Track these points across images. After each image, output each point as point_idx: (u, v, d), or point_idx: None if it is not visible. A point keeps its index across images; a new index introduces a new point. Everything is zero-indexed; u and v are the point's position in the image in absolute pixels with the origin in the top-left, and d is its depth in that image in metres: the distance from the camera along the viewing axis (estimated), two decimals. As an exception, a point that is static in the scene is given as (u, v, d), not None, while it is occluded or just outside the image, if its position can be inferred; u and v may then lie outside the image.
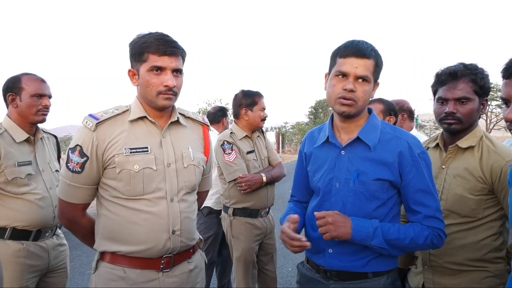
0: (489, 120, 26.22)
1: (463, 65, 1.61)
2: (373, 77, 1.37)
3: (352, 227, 1.34)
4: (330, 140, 1.47)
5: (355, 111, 1.38)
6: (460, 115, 1.59)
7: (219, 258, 3.47)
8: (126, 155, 1.43)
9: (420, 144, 1.42)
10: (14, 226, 1.99)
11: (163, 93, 1.44)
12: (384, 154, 1.39)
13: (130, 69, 1.50)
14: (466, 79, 1.58)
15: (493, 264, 1.56)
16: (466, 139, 1.62)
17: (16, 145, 2.05)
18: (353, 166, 1.41)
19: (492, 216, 1.56)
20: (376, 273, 1.40)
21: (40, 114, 2.10)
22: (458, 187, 1.58)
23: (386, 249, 1.36)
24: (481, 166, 1.55)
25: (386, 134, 1.42)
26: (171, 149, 1.52)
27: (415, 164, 1.37)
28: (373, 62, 1.35)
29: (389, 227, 1.38)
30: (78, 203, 1.50)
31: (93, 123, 1.43)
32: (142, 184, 1.44)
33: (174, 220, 1.49)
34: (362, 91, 1.34)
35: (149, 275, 1.46)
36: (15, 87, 2.07)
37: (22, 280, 2.00)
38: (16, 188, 1.99)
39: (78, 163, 1.43)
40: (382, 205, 1.40)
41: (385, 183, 1.38)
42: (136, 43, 1.45)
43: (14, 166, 1.99)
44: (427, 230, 1.38)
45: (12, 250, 1.95)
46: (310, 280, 1.51)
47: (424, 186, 1.38)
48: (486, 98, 1.63)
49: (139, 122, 1.50)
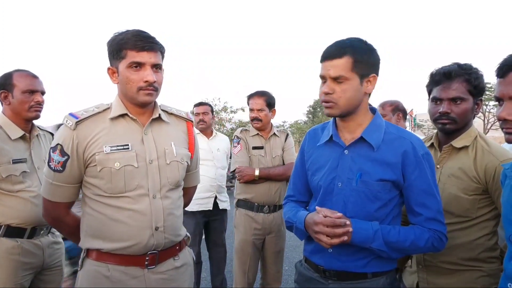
0: (487, 120, 26.27)
1: (458, 65, 1.61)
2: (354, 73, 1.34)
3: None
4: (334, 139, 1.46)
5: (338, 112, 1.38)
6: (455, 115, 1.59)
7: (212, 259, 3.51)
8: (106, 153, 1.43)
9: (424, 145, 1.42)
10: (9, 224, 1.98)
11: (144, 88, 1.44)
12: (388, 154, 1.38)
13: (109, 67, 1.49)
14: (460, 79, 1.58)
15: (487, 264, 1.56)
16: (460, 138, 1.62)
17: (11, 142, 2.04)
18: (356, 165, 1.40)
19: (486, 216, 1.56)
20: (376, 273, 1.39)
21: (33, 110, 2.08)
22: (453, 187, 1.58)
23: (386, 251, 1.35)
24: (475, 166, 1.56)
25: (390, 134, 1.41)
26: (153, 146, 1.52)
27: (418, 165, 1.37)
28: (349, 59, 1.33)
29: (390, 229, 1.36)
30: (61, 201, 1.51)
31: (73, 122, 1.43)
32: (124, 182, 1.44)
33: (157, 216, 1.48)
34: (340, 91, 1.35)
35: (133, 272, 1.46)
36: (7, 84, 2.06)
37: (16, 277, 1.99)
38: (11, 186, 1.99)
39: (59, 162, 1.44)
40: (384, 205, 1.39)
41: (387, 184, 1.37)
42: (113, 40, 1.44)
43: (8, 164, 1.98)
44: (427, 233, 1.37)
45: (6, 247, 1.95)
46: (309, 279, 1.50)
47: (426, 187, 1.37)
48: (480, 98, 1.63)
49: (119, 119, 1.50)
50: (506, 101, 1.12)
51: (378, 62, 1.41)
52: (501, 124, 1.16)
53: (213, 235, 3.48)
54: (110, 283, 1.43)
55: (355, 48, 1.34)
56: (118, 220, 1.44)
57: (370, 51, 1.38)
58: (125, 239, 1.44)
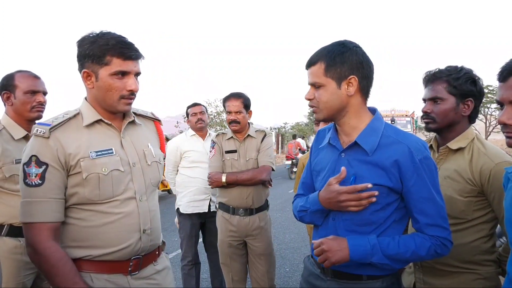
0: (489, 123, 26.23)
1: (444, 68, 1.69)
2: (328, 78, 1.35)
3: (348, 248, 1.33)
4: (331, 142, 1.47)
5: (322, 116, 1.41)
6: (434, 115, 1.66)
7: (210, 260, 3.53)
8: (92, 159, 1.38)
9: (424, 149, 1.36)
10: (11, 223, 2.00)
11: (126, 97, 1.42)
12: (383, 159, 1.35)
13: (85, 70, 1.41)
14: (440, 81, 1.65)
15: (483, 267, 1.57)
16: (456, 140, 1.64)
17: (14, 142, 2.06)
18: (351, 169, 1.39)
19: (482, 219, 1.57)
20: (371, 276, 1.39)
21: (35, 110, 2.10)
22: (448, 189, 1.59)
23: (388, 264, 1.34)
24: (470, 168, 1.57)
25: (388, 138, 1.38)
26: (132, 149, 1.51)
27: (416, 170, 1.32)
28: (321, 65, 1.36)
29: (389, 242, 1.34)
30: (43, 221, 1.33)
31: (46, 129, 1.35)
32: (112, 187, 1.41)
33: (144, 219, 1.47)
34: (317, 96, 1.39)
35: (117, 280, 1.43)
36: (9, 85, 2.08)
37: (18, 276, 2.01)
38: (14, 185, 2.01)
39: (37, 174, 1.33)
40: (381, 209, 1.37)
41: (382, 188, 1.34)
42: (93, 43, 1.38)
43: (11, 164, 2.00)
44: (429, 241, 1.34)
45: (9, 247, 1.97)
46: (312, 274, 1.53)
47: (426, 193, 1.34)
48: (469, 98, 1.64)
49: (94, 125, 1.45)
50: (507, 106, 1.12)
51: (358, 63, 1.36)
52: (502, 128, 1.17)
53: (209, 236, 3.49)
54: None
55: (328, 52, 1.36)
56: (105, 224, 1.40)
57: (346, 53, 1.35)
58: (114, 243, 1.41)
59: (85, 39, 1.40)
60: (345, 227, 1.41)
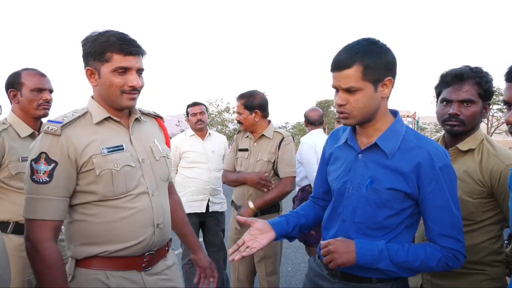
0: (490, 124, 26.16)
1: (469, 68, 1.61)
2: (366, 82, 1.27)
3: (356, 251, 1.31)
4: (349, 142, 1.44)
5: (355, 122, 1.34)
6: (464, 117, 1.58)
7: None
8: (104, 155, 1.40)
9: (445, 157, 1.31)
10: (17, 221, 2.00)
11: (127, 92, 1.43)
12: (402, 163, 1.31)
13: (88, 68, 1.43)
14: (471, 82, 1.58)
15: (491, 267, 1.56)
16: (466, 141, 1.62)
17: (20, 140, 2.06)
18: (368, 171, 1.36)
19: (491, 220, 1.57)
20: (381, 280, 1.36)
21: (41, 108, 2.10)
22: (457, 190, 1.58)
23: (395, 271, 1.31)
24: (480, 169, 1.56)
25: (408, 142, 1.34)
26: (141, 145, 1.53)
27: (435, 177, 1.29)
28: (358, 68, 1.26)
29: (397, 248, 1.31)
30: (48, 219, 1.34)
31: (57, 127, 1.36)
32: (125, 182, 1.42)
33: (157, 213, 1.50)
34: (353, 101, 1.29)
35: (131, 276, 1.45)
36: (16, 82, 2.09)
37: (24, 274, 2.01)
38: (20, 183, 2.01)
39: (45, 171, 1.33)
40: (396, 214, 1.34)
41: (399, 194, 1.32)
42: (94, 41, 1.40)
43: (18, 161, 2.00)
44: (440, 252, 1.31)
45: (15, 244, 1.97)
46: (318, 275, 1.51)
47: (443, 202, 1.30)
48: (488, 102, 1.63)
49: (104, 123, 1.47)
50: None
51: (393, 63, 1.31)
52: (509, 128, 1.16)
53: (208, 235, 3.49)
54: None
55: (365, 53, 1.26)
56: (120, 220, 1.42)
57: (382, 53, 1.29)
58: (129, 238, 1.43)
59: (88, 38, 1.42)
60: (356, 230, 1.39)
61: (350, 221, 1.40)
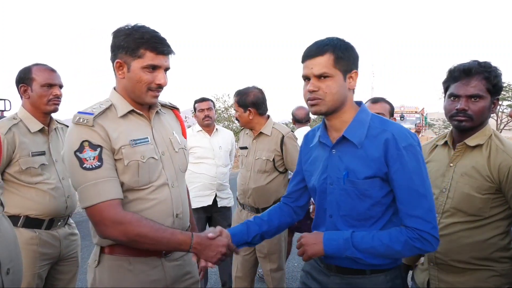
0: (500, 120, 25.87)
1: (477, 63, 1.59)
2: (337, 70, 1.35)
3: (323, 242, 1.38)
4: (321, 140, 1.49)
5: (325, 108, 1.38)
6: (471, 113, 1.57)
7: None
8: (132, 147, 1.44)
9: (409, 137, 1.34)
10: (27, 215, 2.04)
11: (153, 90, 1.47)
12: (371, 150, 1.36)
13: (118, 61, 1.45)
14: (479, 77, 1.56)
15: (499, 264, 1.56)
16: (474, 137, 1.61)
17: (30, 135, 2.09)
18: (343, 164, 1.41)
19: (499, 216, 1.56)
20: (374, 271, 1.40)
21: (51, 103, 2.13)
22: (465, 186, 1.58)
23: (362, 258, 1.35)
24: (488, 164, 1.55)
25: (375, 129, 1.39)
26: (161, 138, 1.57)
27: (399, 157, 1.32)
28: (330, 56, 1.35)
29: (363, 236, 1.35)
30: (114, 198, 1.37)
31: (90, 118, 1.39)
32: (148, 174, 1.47)
33: (177, 204, 1.55)
34: (325, 87, 1.36)
35: (152, 263, 1.49)
36: (26, 78, 2.11)
37: (34, 267, 2.05)
38: (30, 178, 2.04)
39: (94, 157, 1.36)
40: (378, 203, 1.37)
41: (375, 181, 1.35)
42: (128, 35, 1.42)
43: (28, 156, 2.03)
44: (405, 234, 1.31)
45: (25, 237, 2.00)
46: (315, 268, 1.55)
47: (407, 182, 1.31)
48: (497, 97, 1.61)
49: (128, 116, 1.50)
50: None
51: (358, 59, 1.42)
52: None
53: None
54: (133, 276, 1.46)
55: (335, 45, 1.36)
56: (144, 210, 1.46)
57: (349, 48, 1.40)
58: None
59: (121, 31, 1.45)
60: (344, 223, 1.43)
61: (336, 215, 1.44)
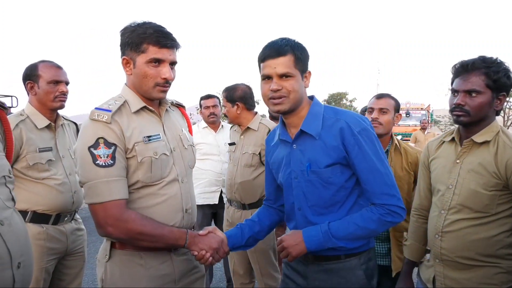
0: (507, 116, 25.61)
1: (480, 58, 1.59)
2: (297, 70, 1.43)
3: (304, 241, 1.45)
4: (281, 137, 1.56)
5: (289, 106, 1.45)
6: (468, 108, 1.57)
7: None
8: (146, 143, 1.45)
9: (361, 122, 1.45)
10: (35, 210, 2.06)
11: (161, 85, 1.47)
12: (329, 139, 1.45)
13: (124, 57, 1.48)
14: (478, 72, 1.56)
15: (505, 261, 1.55)
16: (481, 133, 1.60)
17: (37, 131, 2.11)
18: (304, 157, 1.49)
19: (505, 212, 1.55)
20: (348, 255, 1.49)
21: (58, 100, 2.15)
22: (472, 182, 1.57)
23: (344, 246, 1.44)
24: (496, 161, 1.54)
25: (329, 119, 1.48)
26: (171, 134, 1.59)
27: (356, 142, 1.42)
28: (291, 57, 1.42)
29: (339, 224, 1.44)
30: (121, 198, 1.39)
31: (108, 115, 1.40)
32: (160, 170, 1.48)
33: (186, 199, 1.57)
34: (288, 85, 1.42)
35: (162, 257, 1.51)
36: (33, 74, 2.13)
37: (42, 262, 2.07)
38: (37, 173, 2.06)
39: (108, 155, 1.37)
40: (341, 188, 1.46)
41: (336, 167, 1.44)
42: (133, 32, 1.44)
43: (35, 152, 2.05)
44: (376, 212, 1.42)
45: (33, 232, 2.01)
46: None
47: (368, 163, 1.42)
48: (503, 93, 1.60)
49: (140, 112, 1.51)
50: None
51: (308, 60, 1.51)
52: None
53: (221, 226, 3.52)
54: (144, 270, 1.47)
55: (294, 46, 1.44)
56: (155, 205, 1.47)
57: (304, 49, 1.48)
58: (162, 222, 1.47)
59: (127, 28, 1.48)
60: (313, 213, 1.51)
61: (305, 207, 1.51)
